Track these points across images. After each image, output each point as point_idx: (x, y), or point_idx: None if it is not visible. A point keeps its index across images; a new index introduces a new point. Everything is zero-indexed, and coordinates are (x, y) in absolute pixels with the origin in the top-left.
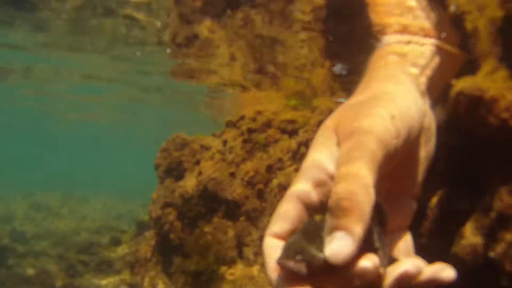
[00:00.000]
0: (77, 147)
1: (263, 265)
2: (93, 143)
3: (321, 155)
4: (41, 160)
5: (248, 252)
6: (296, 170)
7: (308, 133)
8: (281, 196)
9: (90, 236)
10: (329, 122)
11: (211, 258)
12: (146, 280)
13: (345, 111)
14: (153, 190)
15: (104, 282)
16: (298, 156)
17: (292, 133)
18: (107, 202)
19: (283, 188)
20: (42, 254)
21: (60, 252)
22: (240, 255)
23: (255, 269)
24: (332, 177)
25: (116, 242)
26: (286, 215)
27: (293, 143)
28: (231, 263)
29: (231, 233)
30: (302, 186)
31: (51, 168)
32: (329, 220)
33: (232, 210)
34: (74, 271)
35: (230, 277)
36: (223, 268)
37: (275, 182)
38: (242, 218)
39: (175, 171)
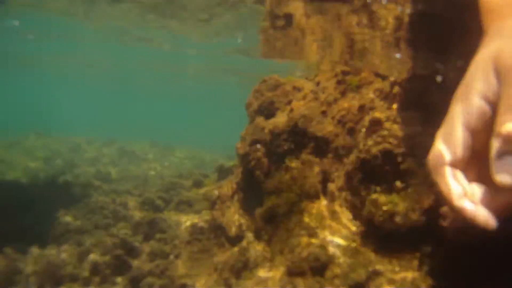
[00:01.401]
0: (166, 99)
1: (346, 201)
2: (182, 95)
3: (481, 84)
4: (130, 110)
5: (333, 188)
6: (389, 109)
7: (402, 74)
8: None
9: (172, 180)
10: (487, 53)
11: (295, 192)
12: (227, 216)
13: (505, 45)
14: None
15: (183, 219)
16: (390, 96)
17: (385, 76)
18: (192, 151)
19: (375, 126)
20: (125, 193)
21: (142, 191)
22: (324, 190)
23: (337, 205)
24: (490, 105)
25: (198, 185)
26: (459, 143)
27: (386, 84)
28: (314, 198)
29: (317, 169)
30: (468, 117)
31: (141, 118)
32: (496, 145)
33: (321, 147)
34: (154, 207)
35: (312, 211)
36: (306, 203)
37: (366, 120)
38: (330, 155)
39: (266, 110)
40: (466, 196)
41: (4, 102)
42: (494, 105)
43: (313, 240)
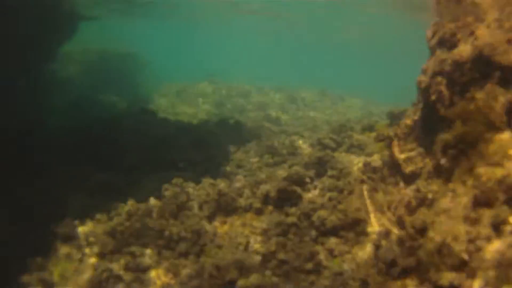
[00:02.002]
0: (338, 48)
1: None
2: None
3: None
4: (301, 59)
5: None
6: None
7: None
8: None
9: (342, 123)
10: None
11: (480, 122)
12: (402, 154)
13: None
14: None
15: (355, 160)
16: None
17: None
18: (360, 102)
19: None
20: (295, 134)
21: (311, 133)
22: (509, 122)
23: None
24: None
25: (369, 129)
26: None
27: None
28: (499, 129)
29: (502, 99)
30: None
31: (312, 69)
32: None
33: (507, 76)
34: (325, 147)
35: (496, 142)
36: (491, 133)
37: None
38: None
39: (448, 42)
40: None
41: (182, 51)
42: None
43: (499, 171)
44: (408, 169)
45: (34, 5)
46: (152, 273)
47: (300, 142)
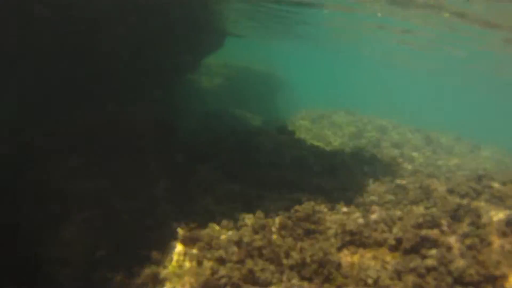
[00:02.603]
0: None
1: None
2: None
3: None
4: (439, 101)
5: None
6: None
7: None
8: None
9: (480, 172)
10: None
11: None
12: None
13: None
14: None
15: (496, 211)
16: None
17: None
18: (497, 152)
19: None
20: (430, 177)
21: (448, 178)
22: None
23: None
24: None
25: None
26: None
27: None
28: None
29: None
30: None
31: (450, 110)
32: None
33: None
34: (463, 194)
35: None
36: None
37: None
38: None
39: None
40: None
41: (322, 78)
42: None
43: None
44: None
45: (189, 19)
46: None
47: (437, 185)
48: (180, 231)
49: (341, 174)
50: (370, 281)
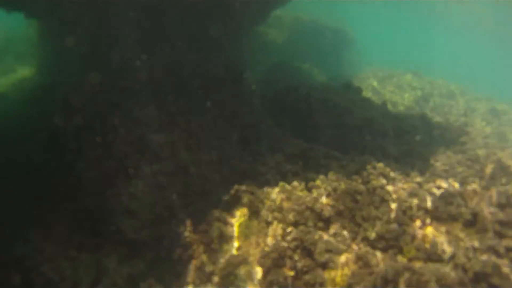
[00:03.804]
0: None
1: None
2: None
3: None
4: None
5: None
6: None
7: None
8: None
9: None
10: None
11: None
12: None
13: None
14: None
15: None
16: None
17: None
18: None
19: None
20: (499, 149)
21: None
22: None
23: None
24: None
25: None
26: None
27: None
28: None
29: None
30: None
31: None
32: None
33: None
34: None
35: None
36: None
37: None
38: None
39: None
40: None
41: (391, 37)
42: None
43: None
44: None
45: None
46: (342, 258)
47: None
48: (248, 189)
49: (410, 139)
50: (445, 256)
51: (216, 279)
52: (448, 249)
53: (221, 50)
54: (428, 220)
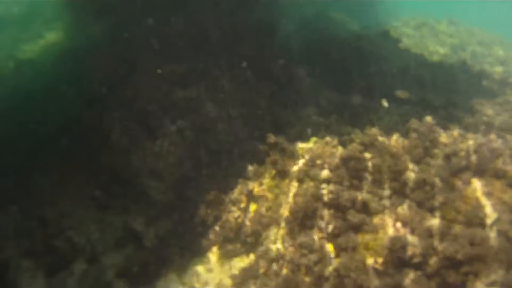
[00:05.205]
0: None
1: None
2: None
3: None
4: None
5: None
6: None
7: None
8: None
9: None
10: None
11: None
12: None
13: None
14: None
15: None
16: None
17: None
18: None
19: None
20: None
21: None
22: None
23: None
24: None
25: None
26: None
27: None
28: None
29: None
30: None
31: None
32: None
33: None
34: None
35: None
36: None
37: None
38: None
39: None
40: None
41: None
42: None
43: None
44: None
45: None
46: (375, 219)
47: None
48: (279, 145)
49: (449, 88)
50: (488, 221)
51: (245, 238)
52: (491, 213)
53: (256, 2)
54: (468, 177)
